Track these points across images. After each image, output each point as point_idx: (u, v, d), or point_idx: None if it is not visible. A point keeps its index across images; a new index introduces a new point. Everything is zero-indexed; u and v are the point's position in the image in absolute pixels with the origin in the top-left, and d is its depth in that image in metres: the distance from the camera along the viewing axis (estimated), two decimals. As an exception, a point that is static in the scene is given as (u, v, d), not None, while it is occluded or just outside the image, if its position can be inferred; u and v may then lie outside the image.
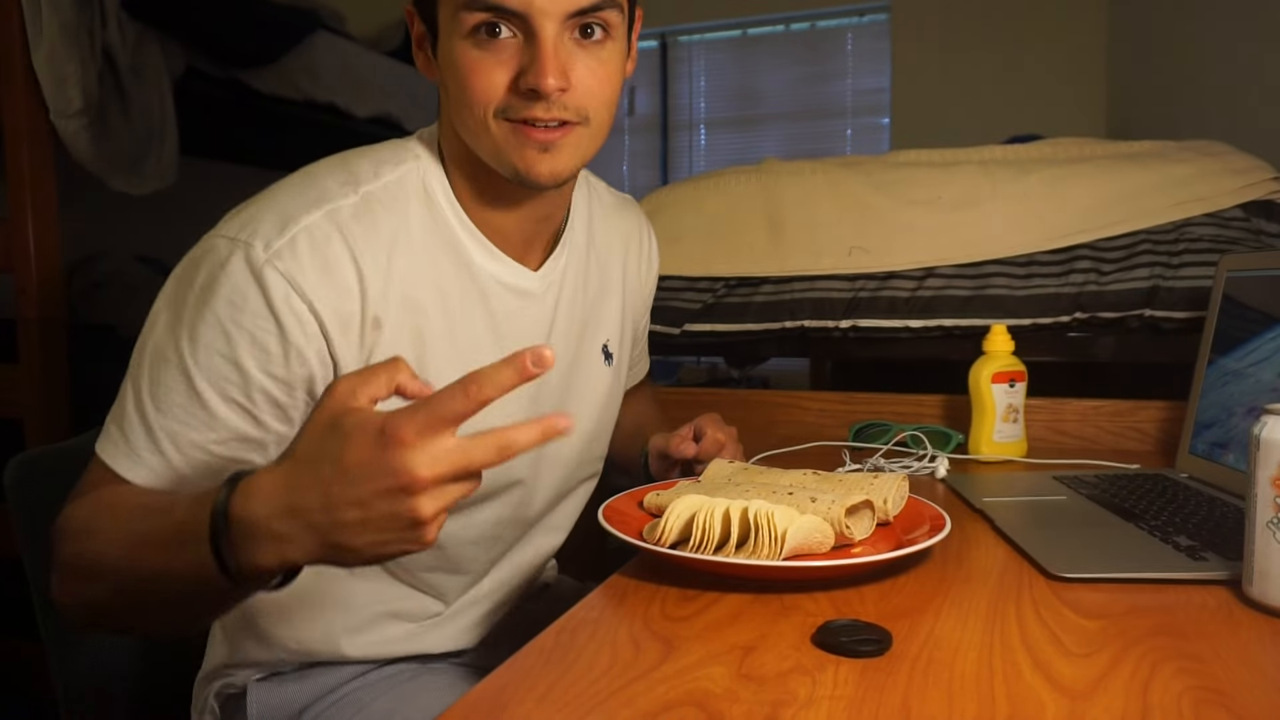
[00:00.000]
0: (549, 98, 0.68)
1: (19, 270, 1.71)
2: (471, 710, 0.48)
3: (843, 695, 0.49)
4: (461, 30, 0.68)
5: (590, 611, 0.63)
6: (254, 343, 0.65)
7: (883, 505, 0.76)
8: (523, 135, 0.69)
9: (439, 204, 0.76)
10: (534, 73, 0.67)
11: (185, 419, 0.65)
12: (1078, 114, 3.19)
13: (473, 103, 0.69)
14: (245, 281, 0.65)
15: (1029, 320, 1.35)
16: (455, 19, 0.68)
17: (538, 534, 0.91)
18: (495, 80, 0.68)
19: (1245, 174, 1.36)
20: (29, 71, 1.71)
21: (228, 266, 0.65)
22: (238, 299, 0.65)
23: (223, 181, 3.33)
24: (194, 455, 0.66)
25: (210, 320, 0.65)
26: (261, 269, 0.65)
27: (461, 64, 0.69)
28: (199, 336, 0.65)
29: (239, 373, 0.65)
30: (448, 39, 0.70)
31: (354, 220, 0.69)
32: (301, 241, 0.66)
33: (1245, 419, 0.95)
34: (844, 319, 1.42)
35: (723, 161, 3.81)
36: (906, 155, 1.55)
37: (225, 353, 0.65)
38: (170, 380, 0.65)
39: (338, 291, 0.67)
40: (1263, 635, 0.57)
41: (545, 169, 0.71)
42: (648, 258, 1.02)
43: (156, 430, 0.65)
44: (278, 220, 0.67)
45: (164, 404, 0.65)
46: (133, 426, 0.66)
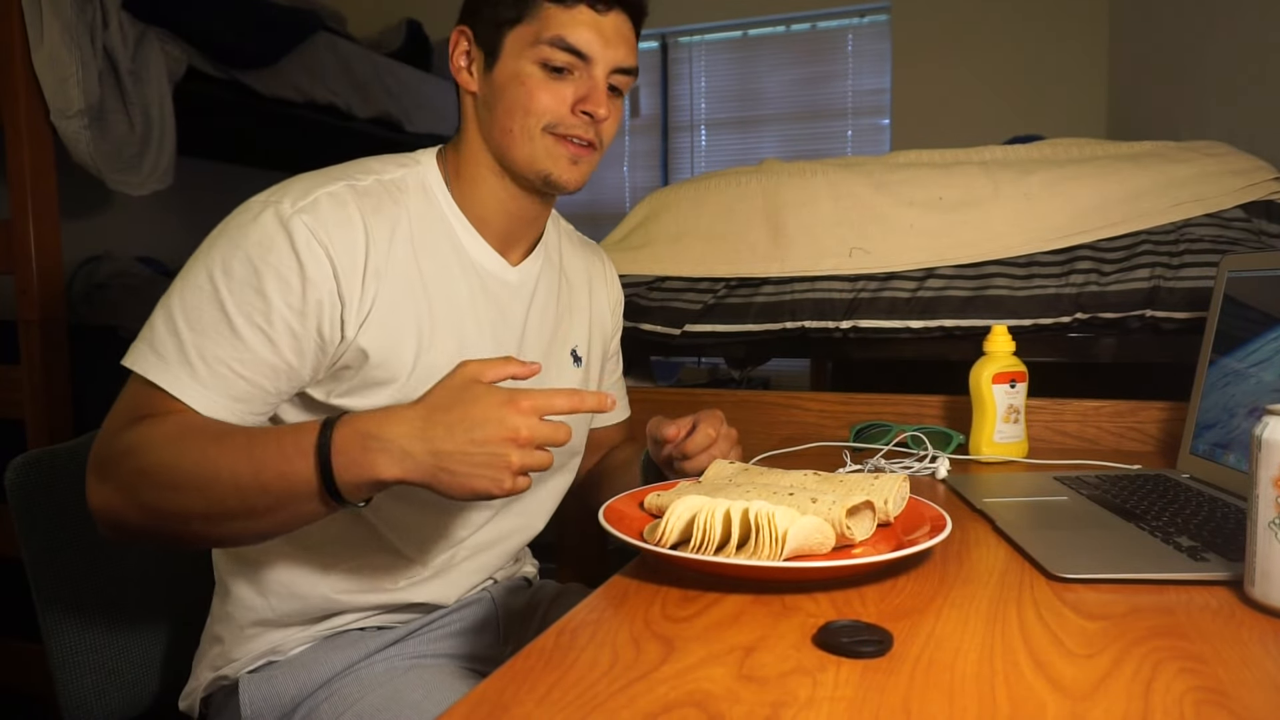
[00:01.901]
0: (596, 122, 0.88)
1: (20, 271, 1.72)
2: (472, 710, 0.48)
3: (843, 696, 0.49)
4: (534, 57, 0.86)
5: (591, 612, 0.63)
6: (278, 277, 0.77)
7: (883, 506, 0.76)
8: (564, 146, 0.88)
9: (436, 198, 0.91)
10: (593, 101, 0.87)
11: (214, 336, 0.76)
12: (1078, 114, 3.19)
13: (531, 111, 0.86)
14: (274, 228, 0.78)
15: (1030, 321, 1.34)
16: (532, 48, 0.86)
17: (510, 515, 0.98)
18: (557, 101, 0.87)
19: (1246, 174, 1.36)
20: (30, 72, 1.71)
21: (260, 218, 0.79)
22: (266, 241, 0.78)
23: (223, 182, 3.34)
24: (217, 369, 0.76)
25: (241, 258, 0.77)
26: (289, 219, 0.78)
27: (529, 83, 0.86)
28: (232, 271, 0.77)
29: (264, 300, 0.77)
30: (515, 60, 0.87)
31: (366, 195, 0.84)
32: (323, 202, 0.81)
33: (1246, 419, 0.95)
34: (845, 319, 1.42)
35: (723, 162, 3.81)
36: (907, 156, 1.55)
37: (254, 284, 0.77)
38: (203, 305, 0.77)
39: (349, 243, 0.81)
40: (1264, 636, 0.57)
41: (572, 176, 0.90)
42: (615, 300, 1.15)
43: (188, 345, 0.76)
44: (303, 189, 0.82)
45: (196, 324, 0.76)
46: (164, 342, 0.77)
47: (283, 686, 0.87)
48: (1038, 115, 3.18)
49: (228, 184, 3.39)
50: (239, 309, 0.77)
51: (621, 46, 0.88)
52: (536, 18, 0.86)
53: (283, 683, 0.87)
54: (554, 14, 0.85)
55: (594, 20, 0.86)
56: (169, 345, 0.76)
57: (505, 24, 0.87)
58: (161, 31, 2.04)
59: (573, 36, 0.85)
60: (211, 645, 0.90)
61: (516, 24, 0.86)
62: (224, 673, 0.88)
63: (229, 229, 0.80)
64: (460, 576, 0.96)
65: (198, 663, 0.92)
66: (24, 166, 1.71)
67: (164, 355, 0.76)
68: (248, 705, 0.86)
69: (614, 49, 0.88)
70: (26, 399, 1.72)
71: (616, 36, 0.88)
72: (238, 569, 0.88)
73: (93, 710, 0.92)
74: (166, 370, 0.76)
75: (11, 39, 1.69)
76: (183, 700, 0.92)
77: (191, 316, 0.77)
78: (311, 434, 0.70)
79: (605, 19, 0.87)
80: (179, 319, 0.77)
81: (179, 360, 0.76)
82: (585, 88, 0.87)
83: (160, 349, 0.76)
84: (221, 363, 0.76)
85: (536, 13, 0.86)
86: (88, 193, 2.31)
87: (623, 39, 0.89)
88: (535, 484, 1.00)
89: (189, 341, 0.76)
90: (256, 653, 0.88)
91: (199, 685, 0.90)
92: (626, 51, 0.89)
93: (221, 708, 0.89)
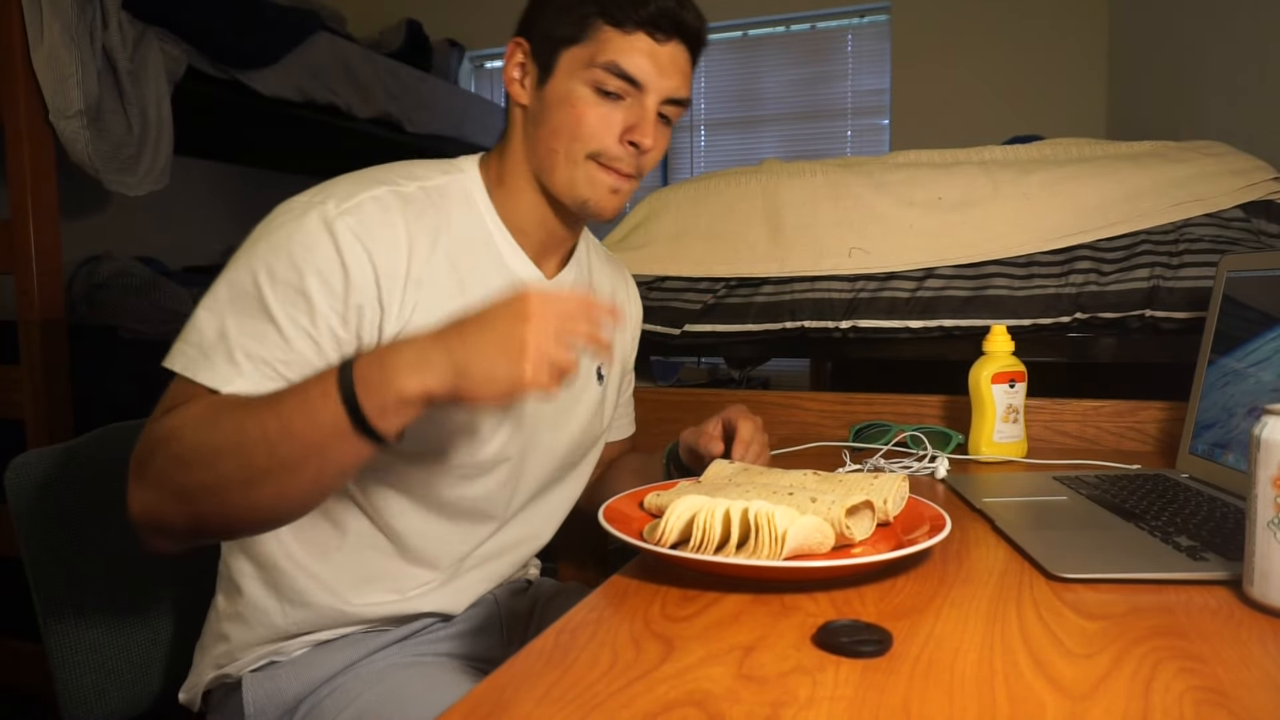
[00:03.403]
0: (641, 153, 0.87)
1: (20, 271, 1.72)
2: (472, 710, 0.48)
3: (843, 696, 0.49)
4: (587, 80, 0.85)
5: (591, 612, 0.63)
6: (321, 279, 0.77)
7: (883, 506, 0.76)
8: (605, 175, 0.87)
9: (477, 207, 0.90)
10: (641, 131, 0.86)
11: (260, 338, 0.75)
12: (1078, 114, 3.19)
13: (578, 136, 0.86)
14: (319, 230, 0.77)
15: (1029, 320, 1.34)
16: (586, 70, 0.85)
17: (517, 525, 0.98)
18: (605, 128, 0.86)
19: (1245, 174, 1.36)
20: (29, 72, 1.71)
21: (304, 219, 0.78)
22: (310, 242, 0.77)
23: (224, 183, 3.35)
24: (263, 370, 0.75)
25: (285, 259, 0.76)
26: (333, 221, 0.78)
27: (579, 105, 0.85)
28: (276, 272, 0.76)
29: (307, 302, 0.76)
30: (567, 80, 0.86)
31: (410, 202, 0.83)
32: (368, 206, 0.80)
33: (1246, 419, 0.95)
34: (844, 319, 1.42)
35: (723, 162, 3.81)
36: (907, 156, 1.55)
37: (298, 285, 0.76)
38: (248, 307, 0.76)
39: (392, 249, 0.80)
40: (1264, 636, 0.57)
41: (610, 205, 0.89)
42: (636, 320, 1.17)
43: (234, 346, 0.75)
44: (346, 191, 0.81)
45: (241, 326, 0.75)
46: (211, 344, 0.75)
47: (286, 685, 0.87)
48: (1038, 115, 3.18)
49: (228, 184, 3.40)
50: (284, 311, 0.76)
51: (676, 77, 0.87)
52: (593, 40, 0.85)
53: (286, 681, 0.87)
54: (611, 38, 0.84)
55: (651, 49, 0.85)
56: (214, 346, 0.75)
57: (562, 42, 0.86)
58: (161, 31, 2.04)
59: (628, 63, 0.84)
60: (217, 642, 0.90)
61: (573, 44, 0.85)
62: (227, 670, 0.89)
63: (272, 230, 0.78)
64: (468, 585, 0.95)
65: (200, 657, 0.92)
66: (24, 166, 1.71)
67: (209, 356, 0.75)
68: (250, 704, 0.86)
69: (668, 79, 0.86)
70: (26, 399, 1.72)
71: (672, 67, 0.86)
72: (253, 571, 0.88)
73: (92, 710, 0.92)
74: (212, 370, 0.74)
75: (11, 39, 1.69)
76: (183, 693, 0.93)
77: (236, 318, 0.75)
78: (332, 371, 0.68)
79: (663, 48, 0.86)
80: (224, 320, 0.75)
81: (225, 360, 0.75)
82: (635, 116, 0.86)
83: (206, 349, 0.75)
84: (267, 364, 0.75)
85: (594, 35, 0.85)
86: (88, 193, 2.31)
87: (678, 69, 0.87)
88: (541, 494, 0.99)
89: (235, 342, 0.75)
90: (262, 653, 0.88)
91: (200, 680, 0.90)
92: (680, 82, 0.88)
93: (222, 704, 0.89)
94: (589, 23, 0.84)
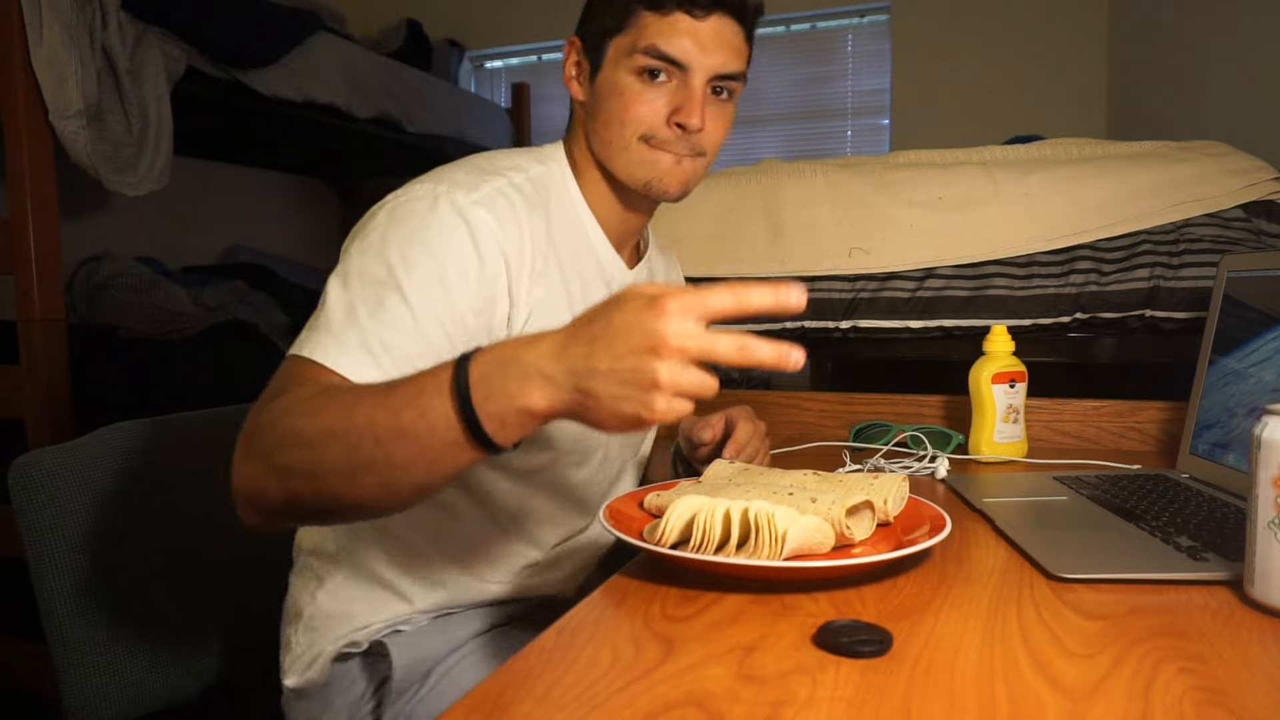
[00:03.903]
0: (690, 134, 0.86)
1: (20, 271, 1.72)
2: (472, 710, 0.48)
3: (843, 696, 0.49)
4: (631, 67, 0.85)
5: (590, 611, 0.63)
6: (459, 268, 0.77)
7: (883, 506, 0.76)
8: (659, 153, 0.87)
9: (572, 198, 0.92)
10: (686, 111, 0.85)
11: (397, 328, 0.73)
12: (1078, 114, 3.19)
13: (626, 122, 0.86)
14: (453, 218, 0.77)
15: (1029, 320, 1.34)
16: (629, 58, 0.85)
17: None
18: (654, 109, 0.86)
19: (1246, 174, 1.36)
20: (29, 72, 1.71)
21: (436, 208, 0.78)
22: (446, 231, 0.77)
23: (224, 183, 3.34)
24: (397, 358, 0.73)
25: (420, 248, 0.76)
26: (466, 210, 0.78)
27: (626, 93, 0.86)
28: (412, 261, 0.75)
29: (445, 292, 0.76)
30: (613, 70, 0.87)
31: (522, 195, 0.84)
32: (495, 197, 0.81)
33: (1246, 419, 0.95)
34: (844, 319, 1.42)
35: (723, 162, 3.78)
36: (907, 156, 1.55)
37: (436, 274, 0.75)
38: (384, 295, 0.74)
39: (518, 241, 0.81)
40: (1264, 636, 0.57)
41: (674, 181, 0.88)
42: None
43: (370, 335, 0.73)
44: (470, 181, 0.81)
45: (377, 314, 0.73)
46: (345, 331, 0.73)
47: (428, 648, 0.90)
48: (1038, 115, 3.18)
49: (227, 184, 3.40)
50: (422, 301, 0.74)
51: (722, 51, 0.86)
52: (634, 26, 0.85)
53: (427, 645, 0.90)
54: (650, 22, 0.85)
55: (691, 27, 0.84)
56: (351, 336, 0.73)
57: (607, 33, 0.87)
58: (161, 31, 2.04)
59: (667, 44, 0.84)
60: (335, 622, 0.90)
61: (617, 33, 0.86)
62: (354, 639, 0.90)
63: (399, 218, 0.78)
64: (576, 568, 0.99)
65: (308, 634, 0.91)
66: (24, 166, 1.71)
67: (342, 342, 0.72)
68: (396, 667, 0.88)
69: (713, 55, 0.85)
70: (26, 399, 1.72)
71: (716, 41, 0.85)
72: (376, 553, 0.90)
73: (96, 711, 0.92)
74: (343, 354, 0.72)
75: (11, 39, 1.69)
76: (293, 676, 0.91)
77: (370, 307, 0.73)
78: (447, 368, 0.62)
79: (704, 24, 0.85)
80: (358, 309, 0.73)
81: (359, 347, 0.72)
82: (680, 97, 0.86)
83: (338, 335, 0.73)
84: (403, 354, 0.73)
85: (634, 21, 0.85)
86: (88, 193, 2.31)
87: (724, 43, 0.86)
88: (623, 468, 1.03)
89: (371, 330, 0.73)
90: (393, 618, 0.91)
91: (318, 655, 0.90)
92: (728, 56, 0.86)
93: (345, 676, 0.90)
94: (629, 10, 0.85)
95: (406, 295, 0.74)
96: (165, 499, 1.01)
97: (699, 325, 0.57)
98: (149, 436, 1.01)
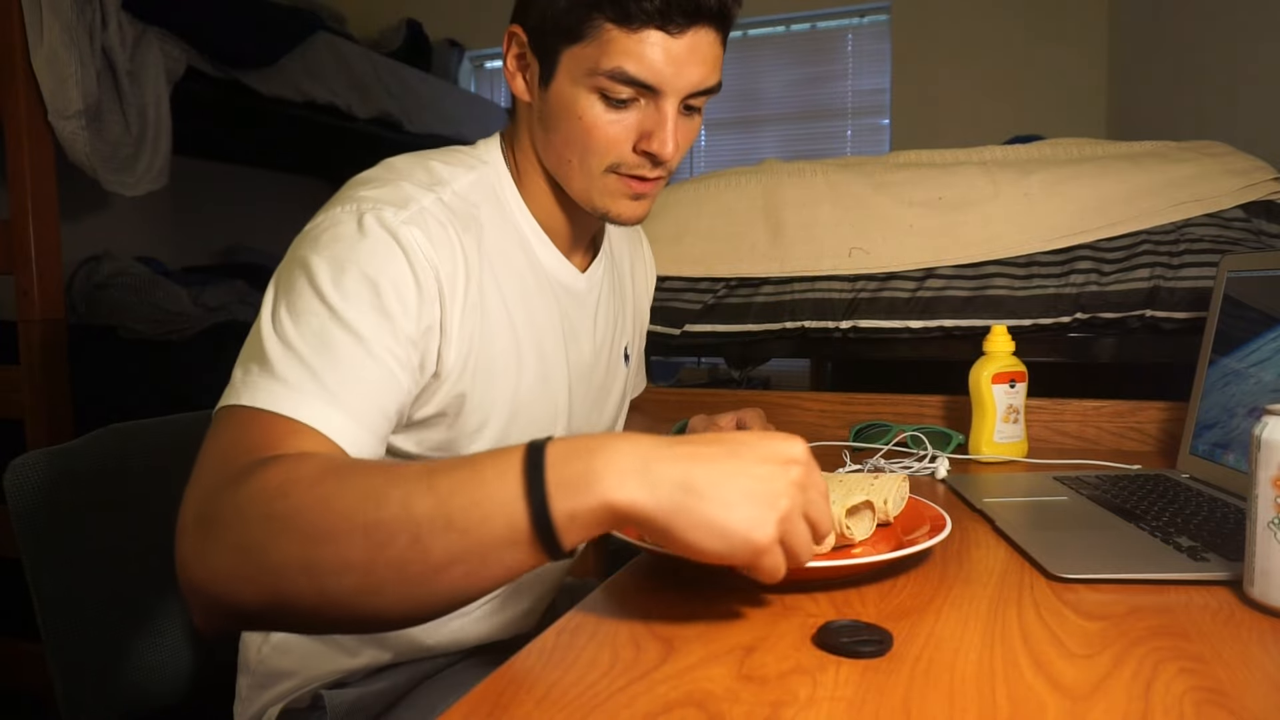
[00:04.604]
0: (663, 163, 0.78)
1: (20, 271, 1.72)
2: (472, 710, 0.48)
3: (843, 696, 0.49)
4: (591, 85, 0.75)
5: (590, 611, 0.63)
6: (397, 293, 0.68)
7: (883, 506, 0.76)
8: (625, 185, 0.79)
9: (509, 206, 0.83)
10: (659, 141, 0.76)
11: (348, 360, 0.65)
12: (1078, 114, 3.19)
13: (591, 150, 0.77)
14: (384, 239, 0.69)
15: (1029, 321, 1.34)
16: (589, 76, 0.74)
17: None
18: (619, 139, 0.77)
19: (1246, 174, 1.36)
20: (29, 72, 1.71)
21: (365, 228, 0.69)
22: (378, 251, 0.68)
23: (224, 183, 3.34)
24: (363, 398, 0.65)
25: (354, 274, 0.67)
26: (397, 229, 0.69)
27: (586, 117, 0.76)
28: (346, 289, 0.67)
29: (388, 320, 0.67)
30: (571, 85, 0.76)
31: (453, 213, 0.75)
32: (426, 216, 0.72)
33: (1246, 419, 0.95)
34: (844, 319, 1.42)
35: (723, 162, 3.80)
36: (907, 156, 1.55)
37: (375, 303, 0.67)
38: (326, 330, 0.65)
39: (450, 266, 0.72)
40: (1264, 636, 0.57)
41: (633, 214, 0.82)
42: (651, 280, 1.12)
43: (323, 374, 0.64)
44: (394, 196, 0.72)
45: (324, 350, 0.65)
46: (293, 373, 0.63)
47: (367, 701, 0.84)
48: (1038, 115, 3.18)
49: (228, 184, 3.40)
50: (368, 330, 0.66)
51: (699, 67, 0.75)
52: (595, 40, 0.73)
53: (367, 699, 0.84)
54: (616, 39, 0.72)
55: (664, 44, 0.73)
56: (297, 377, 0.63)
57: (561, 38, 0.75)
58: (160, 31, 2.04)
59: (636, 68, 0.73)
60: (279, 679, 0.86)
61: (574, 42, 0.74)
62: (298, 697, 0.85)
63: (324, 242, 0.69)
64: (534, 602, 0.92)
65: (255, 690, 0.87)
66: (24, 166, 1.71)
67: (295, 387, 0.62)
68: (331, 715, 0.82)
69: (689, 73, 0.74)
70: (26, 399, 1.72)
71: (693, 57, 0.74)
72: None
73: (93, 711, 0.92)
74: (301, 402, 0.62)
75: (11, 39, 1.69)
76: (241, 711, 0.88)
77: (314, 342, 0.64)
78: (516, 449, 0.53)
79: (679, 40, 0.73)
80: (300, 347, 0.64)
81: (315, 388, 0.63)
82: (650, 122, 0.76)
83: (289, 380, 0.63)
84: (362, 386, 0.65)
85: (596, 34, 0.73)
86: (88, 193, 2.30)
87: (700, 58, 0.75)
88: None
89: (321, 369, 0.63)
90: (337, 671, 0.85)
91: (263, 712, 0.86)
92: (706, 71, 0.76)
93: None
94: (590, 19, 0.73)
95: (350, 325, 0.65)
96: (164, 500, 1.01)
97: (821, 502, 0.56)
98: (149, 436, 1.01)
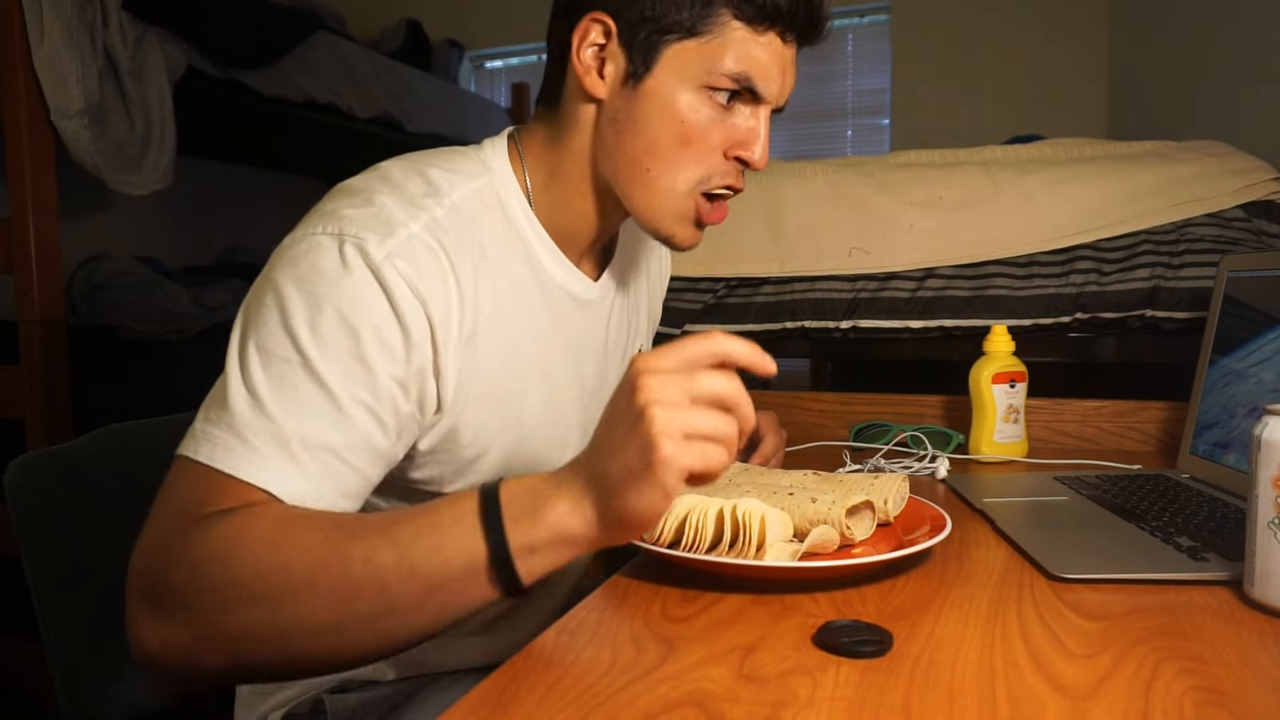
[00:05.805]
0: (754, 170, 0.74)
1: (20, 271, 1.72)
2: (472, 710, 0.48)
3: (843, 696, 0.49)
4: (702, 84, 0.70)
5: (590, 611, 0.63)
6: (379, 340, 0.63)
7: (883, 506, 0.76)
8: (701, 213, 0.75)
9: (515, 215, 0.76)
10: (758, 149, 0.72)
11: (316, 418, 0.61)
12: (1078, 114, 3.19)
13: (685, 161, 0.71)
14: (366, 278, 0.63)
15: (1030, 321, 1.34)
16: (708, 75, 0.69)
17: None
18: (718, 144, 0.72)
19: (1246, 174, 1.36)
20: (30, 71, 1.71)
21: (345, 263, 0.63)
22: (360, 292, 0.63)
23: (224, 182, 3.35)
24: (324, 459, 0.61)
25: (332, 317, 0.62)
26: (380, 266, 0.63)
27: (691, 119, 0.70)
28: (322, 334, 0.61)
29: (367, 371, 0.62)
30: (674, 85, 0.70)
31: (448, 234, 0.68)
32: (413, 244, 0.65)
33: (1246, 419, 0.95)
34: (844, 319, 1.42)
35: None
36: (907, 156, 1.55)
37: (353, 350, 0.62)
38: (295, 380, 0.61)
39: (444, 299, 0.66)
40: (1264, 636, 0.57)
41: (694, 241, 0.78)
42: (666, 266, 1.07)
43: (286, 431, 0.59)
44: (380, 222, 0.65)
45: (290, 404, 0.60)
46: (255, 430, 0.59)
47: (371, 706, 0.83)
48: (1038, 115, 3.18)
49: (227, 184, 3.40)
50: (342, 383, 0.61)
51: (792, 79, 0.74)
52: (717, 35, 0.68)
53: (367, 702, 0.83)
54: (740, 37, 0.69)
55: (779, 53, 0.70)
56: (259, 431, 0.59)
57: (671, 30, 0.69)
58: (161, 31, 2.05)
59: (759, 74, 0.70)
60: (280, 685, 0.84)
61: (689, 36, 0.69)
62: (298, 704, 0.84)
63: (302, 271, 0.63)
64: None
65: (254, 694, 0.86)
66: (24, 166, 1.71)
67: (253, 445, 0.59)
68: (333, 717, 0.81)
69: (789, 83, 0.73)
70: (26, 399, 1.72)
71: (791, 68, 0.73)
72: None
73: (94, 711, 0.92)
74: (262, 465, 0.59)
75: (12, 39, 1.69)
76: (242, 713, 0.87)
77: (282, 395, 0.60)
78: (469, 495, 0.55)
79: (788, 50, 0.72)
80: (266, 399, 0.60)
81: (276, 450, 0.59)
82: (745, 129, 0.72)
83: (251, 438, 0.59)
84: (329, 451, 0.61)
85: (718, 29, 0.68)
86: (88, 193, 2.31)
87: (793, 70, 0.74)
88: None
89: (286, 426, 0.59)
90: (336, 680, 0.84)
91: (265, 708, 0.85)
92: (793, 85, 0.74)
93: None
94: (714, 13, 0.68)
95: (322, 377, 0.61)
96: (165, 499, 1.01)
97: (678, 367, 0.53)
98: (149, 436, 1.01)
